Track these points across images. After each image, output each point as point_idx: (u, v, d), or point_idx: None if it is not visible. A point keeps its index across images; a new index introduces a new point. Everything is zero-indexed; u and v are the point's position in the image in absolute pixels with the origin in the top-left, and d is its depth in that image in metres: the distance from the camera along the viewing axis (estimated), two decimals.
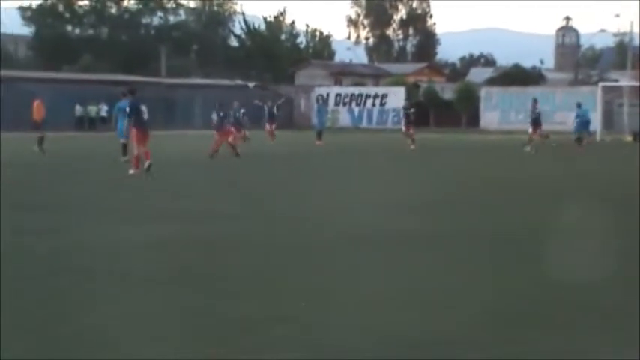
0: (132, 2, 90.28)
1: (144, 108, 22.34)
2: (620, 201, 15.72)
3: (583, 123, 39.03)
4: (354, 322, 6.81)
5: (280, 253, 10.07)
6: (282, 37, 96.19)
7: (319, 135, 39.68)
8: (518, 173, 23.43)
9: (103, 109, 56.58)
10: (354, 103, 68.30)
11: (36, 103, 31.83)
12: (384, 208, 14.56)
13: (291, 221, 13.05)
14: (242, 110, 33.43)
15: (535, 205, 15.38)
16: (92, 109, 58.52)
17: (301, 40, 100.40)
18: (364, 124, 66.44)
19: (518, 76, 73.75)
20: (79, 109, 58.47)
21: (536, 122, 34.95)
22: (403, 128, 37.56)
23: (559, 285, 8.12)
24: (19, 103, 44.61)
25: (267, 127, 40.88)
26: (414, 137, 35.80)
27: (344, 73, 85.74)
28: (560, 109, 56.41)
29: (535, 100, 36.58)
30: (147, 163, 21.38)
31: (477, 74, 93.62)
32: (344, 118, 67.54)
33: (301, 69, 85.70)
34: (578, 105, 40.12)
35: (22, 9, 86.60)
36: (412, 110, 37.67)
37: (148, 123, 22.42)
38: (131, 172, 21.33)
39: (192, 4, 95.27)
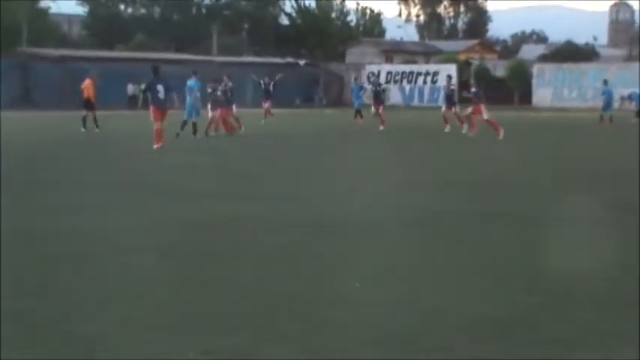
0: None
1: (160, 87, 23.18)
2: None
3: (608, 100, 38.08)
4: (406, 300, 6.61)
5: (329, 233, 9.88)
6: (333, 15, 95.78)
7: (356, 113, 37.93)
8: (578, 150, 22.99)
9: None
10: (404, 81, 67.87)
11: (86, 82, 31.87)
12: (423, 188, 14.30)
13: (333, 200, 12.85)
14: (230, 85, 30.59)
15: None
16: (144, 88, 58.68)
17: (352, 17, 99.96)
18: (415, 101, 66.01)
19: (571, 53, 72.72)
20: (130, 87, 58.72)
21: (450, 99, 33.81)
22: (372, 108, 34.96)
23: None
24: (73, 82, 44.88)
25: (263, 104, 37.97)
26: (383, 117, 33.49)
27: (394, 50, 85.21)
28: (614, 85, 55.36)
29: (449, 77, 36.53)
30: (156, 145, 22.27)
31: (529, 51, 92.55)
32: (395, 95, 67.13)
33: (352, 47, 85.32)
34: (605, 82, 39.51)
35: None
36: (383, 87, 35.33)
37: (163, 101, 23.20)
38: (155, 146, 22.24)
39: None
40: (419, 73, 67.70)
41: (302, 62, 71.87)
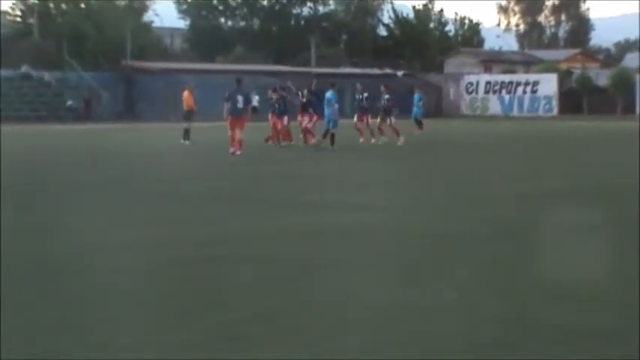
0: None
1: (239, 97, 25.17)
2: None
3: None
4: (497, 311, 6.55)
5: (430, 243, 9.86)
6: (431, 25, 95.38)
7: (418, 123, 36.68)
8: None
9: (255, 99, 57.29)
10: (504, 91, 67.16)
11: (185, 94, 32.29)
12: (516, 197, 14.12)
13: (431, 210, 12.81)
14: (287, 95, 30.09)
15: None
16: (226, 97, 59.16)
17: (450, 28, 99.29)
18: (514, 111, 65.24)
19: None
20: (255, 97, 59.24)
21: (361, 109, 31.26)
22: (355, 118, 31.51)
23: None
24: (174, 94, 45.71)
25: (300, 118, 29.86)
26: (364, 129, 30.41)
27: (493, 60, 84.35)
28: None
29: (360, 86, 32.09)
30: (232, 149, 24.23)
31: (633, 59, 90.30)
32: (494, 106, 66.57)
33: (450, 57, 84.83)
34: None
35: (177, 2, 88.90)
36: (365, 96, 31.31)
37: (240, 111, 25.15)
38: (237, 152, 24.20)
39: None
40: (518, 83, 66.90)
41: (400, 73, 71.75)
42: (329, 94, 28.41)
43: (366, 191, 15.52)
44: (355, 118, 31.74)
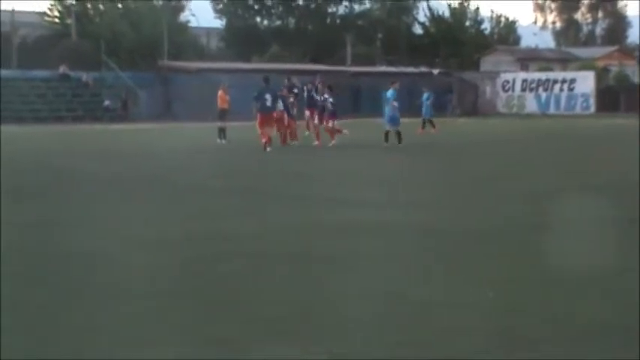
0: None
1: (268, 96, 26.55)
2: None
3: None
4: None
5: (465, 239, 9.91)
6: (467, 23, 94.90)
7: (429, 123, 35.83)
8: None
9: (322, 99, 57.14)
10: (540, 89, 66.72)
11: (220, 93, 32.31)
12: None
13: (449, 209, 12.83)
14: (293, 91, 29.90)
15: None
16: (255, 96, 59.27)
17: (486, 26, 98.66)
18: (551, 109, 64.80)
19: None
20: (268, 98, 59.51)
21: (310, 105, 30.05)
22: (317, 120, 29.49)
23: None
24: (210, 94, 45.88)
25: (308, 114, 31.02)
26: (332, 130, 28.58)
27: (530, 58, 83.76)
28: None
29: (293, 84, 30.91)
30: (265, 144, 25.03)
31: None
32: (530, 104, 66.13)
33: (486, 55, 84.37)
34: None
35: (214, 2, 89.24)
36: (329, 98, 29.00)
37: (270, 109, 26.47)
38: (268, 149, 25.04)
39: None
40: (555, 81, 66.42)
41: (436, 71, 71.49)
42: (389, 92, 28.18)
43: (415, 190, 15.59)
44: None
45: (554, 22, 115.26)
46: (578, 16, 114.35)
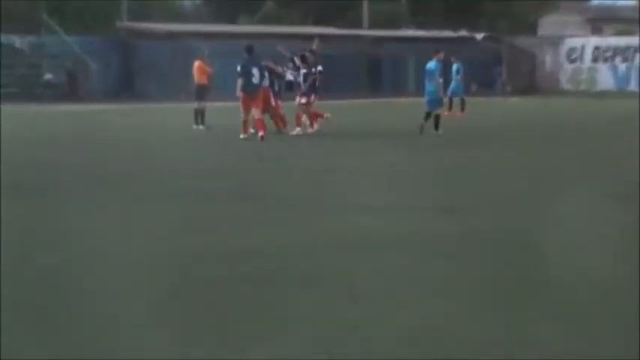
0: None
1: (255, 70, 26.66)
2: None
3: None
4: None
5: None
6: None
7: (461, 103, 36.82)
8: None
9: (287, 73, 57.29)
10: (618, 59, 66.68)
11: (196, 65, 32.35)
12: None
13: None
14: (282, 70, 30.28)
15: None
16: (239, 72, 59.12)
17: None
18: (631, 86, 64.63)
19: None
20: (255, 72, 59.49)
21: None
22: (272, 100, 28.79)
23: None
24: (185, 65, 45.87)
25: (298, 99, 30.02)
26: (279, 117, 29.15)
27: (605, 18, 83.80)
28: None
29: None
30: (259, 134, 25.53)
31: None
32: (604, 78, 65.95)
33: (546, 15, 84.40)
34: None
35: None
36: (301, 71, 29.86)
37: (257, 86, 26.56)
38: (241, 136, 25.87)
39: None
40: (637, 49, 66.41)
41: (479, 36, 71.54)
42: (432, 64, 28.36)
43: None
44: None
45: None
46: None
